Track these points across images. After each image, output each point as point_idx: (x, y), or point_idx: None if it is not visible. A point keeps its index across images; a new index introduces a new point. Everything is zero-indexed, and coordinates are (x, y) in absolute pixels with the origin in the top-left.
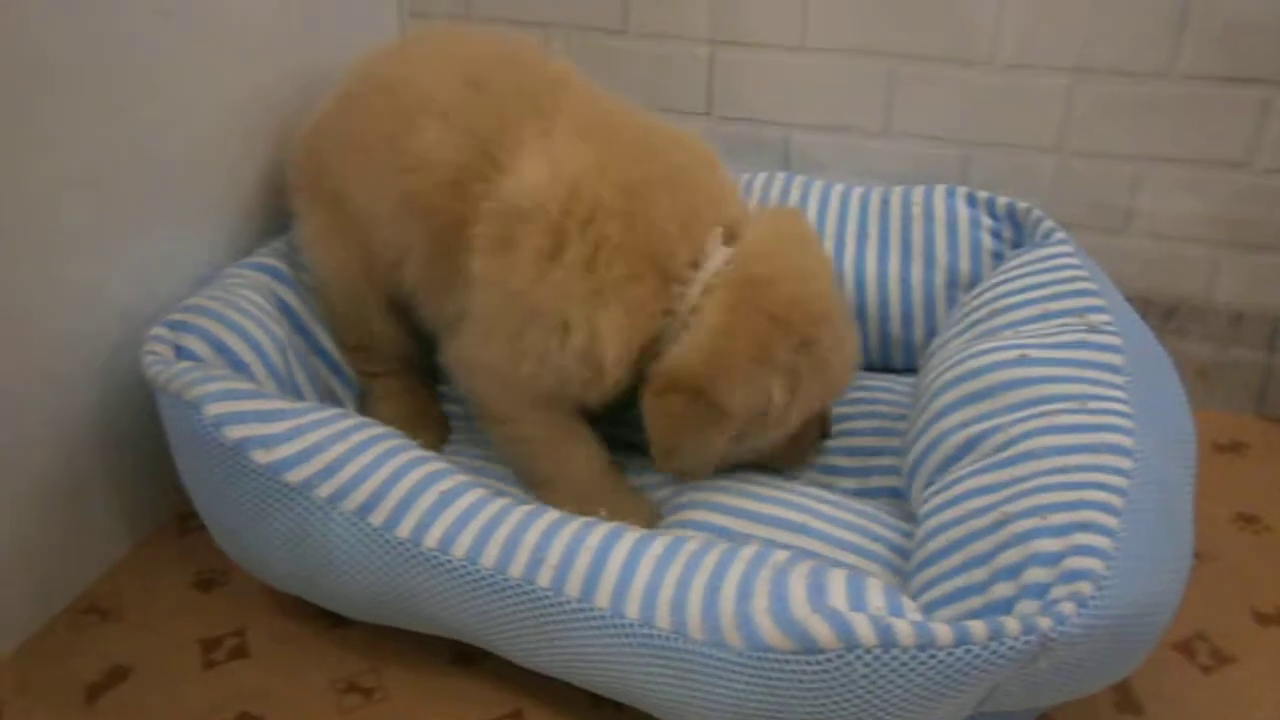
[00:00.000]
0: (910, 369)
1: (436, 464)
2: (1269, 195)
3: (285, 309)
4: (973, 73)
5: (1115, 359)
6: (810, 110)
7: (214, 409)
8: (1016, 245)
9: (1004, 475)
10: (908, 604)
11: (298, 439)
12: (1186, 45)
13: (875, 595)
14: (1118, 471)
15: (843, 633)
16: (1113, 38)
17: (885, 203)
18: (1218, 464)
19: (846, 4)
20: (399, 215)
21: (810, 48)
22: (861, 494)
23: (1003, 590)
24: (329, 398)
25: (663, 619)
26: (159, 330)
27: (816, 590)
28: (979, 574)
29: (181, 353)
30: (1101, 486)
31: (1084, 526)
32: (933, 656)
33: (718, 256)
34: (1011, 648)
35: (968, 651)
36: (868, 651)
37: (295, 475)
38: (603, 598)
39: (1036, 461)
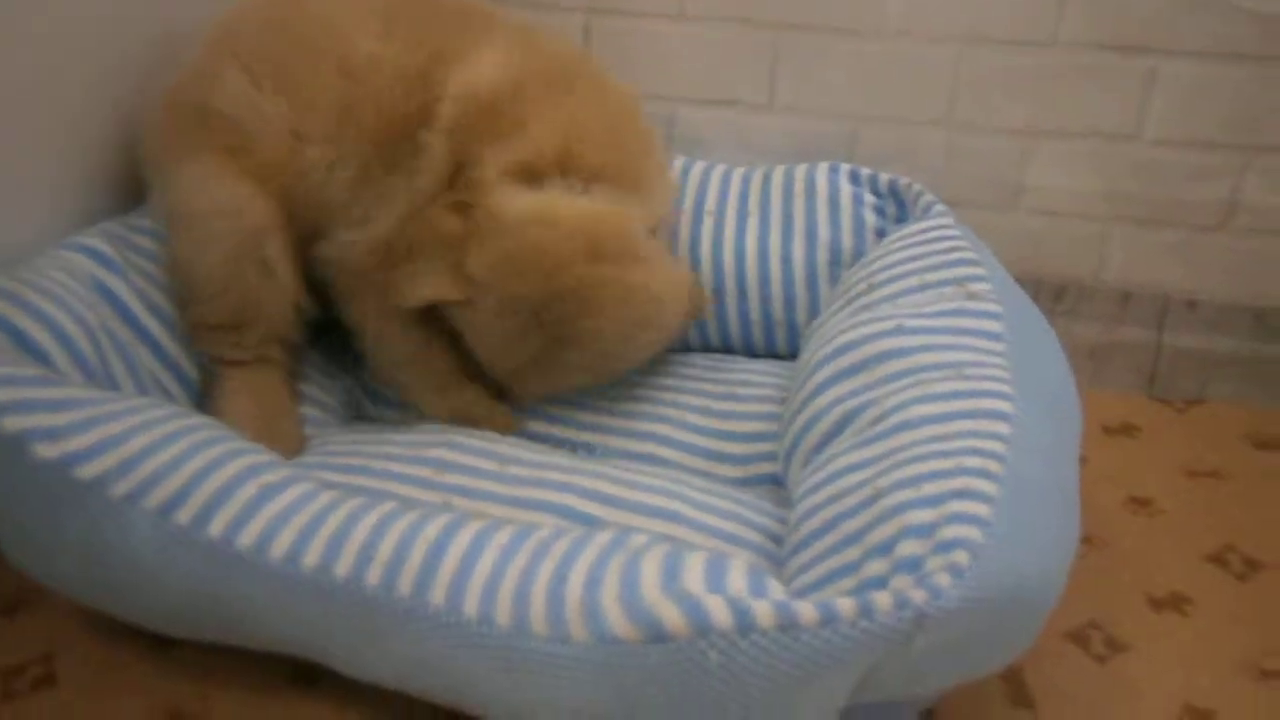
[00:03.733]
0: (794, 354)
1: (259, 456)
2: (1156, 168)
3: (106, 294)
4: (859, 43)
5: (994, 325)
6: (693, 84)
7: None
8: (900, 221)
9: (878, 449)
10: (773, 585)
11: (91, 430)
12: (1071, 12)
13: (737, 577)
14: (996, 437)
15: (694, 617)
16: (1000, 5)
17: (767, 179)
18: (1108, 446)
19: None
20: (336, 128)
21: (691, 15)
22: (743, 483)
23: (875, 568)
24: (157, 393)
25: (503, 614)
26: None
27: (670, 573)
28: (852, 553)
29: None
30: (978, 453)
31: (960, 494)
32: (795, 639)
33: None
34: (883, 625)
35: (835, 632)
36: (722, 637)
37: (86, 470)
38: (438, 594)
39: (912, 432)
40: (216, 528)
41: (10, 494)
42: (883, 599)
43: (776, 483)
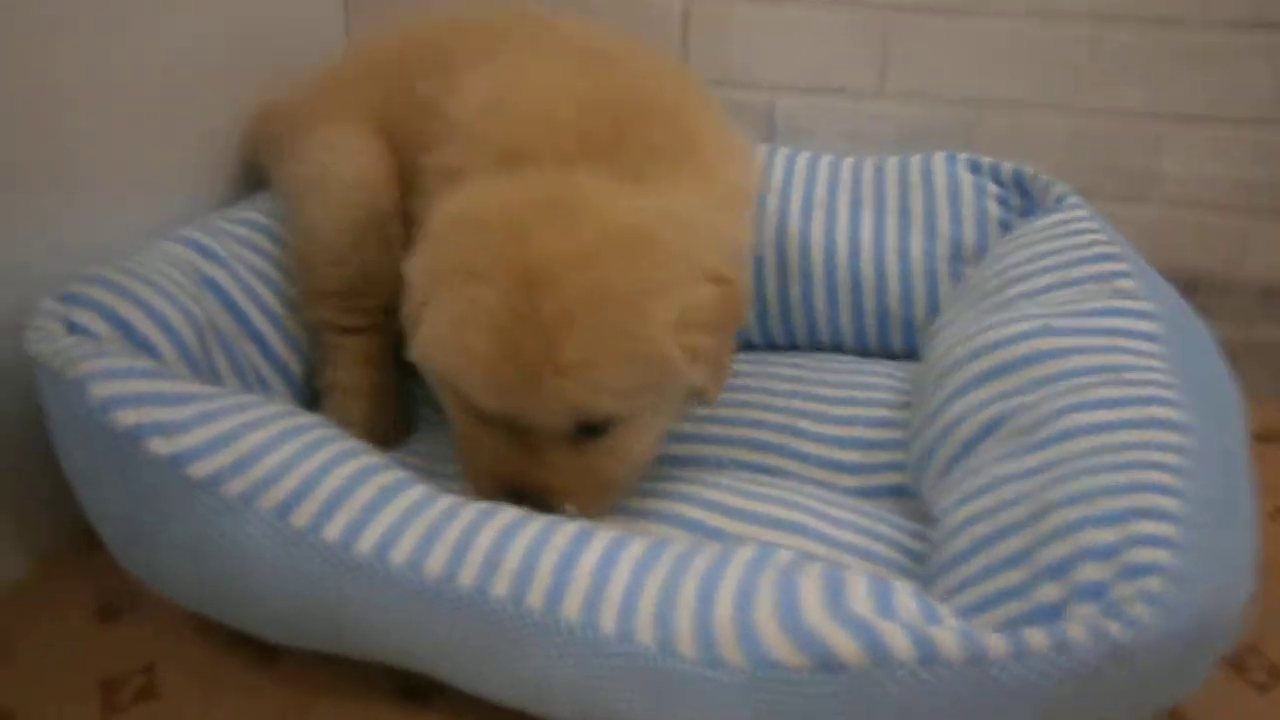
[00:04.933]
0: (911, 354)
1: (374, 457)
2: None
3: (211, 285)
4: (975, 22)
5: (1149, 325)
6: (796, 70)
7: (101, 389)
8: (1026, 214)
9: (1036, 459)
10: (944, 611)
11: (204, 426)
12: None
13: (905, 600)
14: (1170, 448)
15: (871, 645)
16: None
17: (880, 170)
18: (1257, 455)
19: None
20: None
21: None
22: (864, 493)
23: (1049, 593)
24: (259, 389)
25: (645, 632)
26: (49, 304)
27: (834, 594)
28: (1015, 575)
29: (74, 329)
30: (1156, 466)
31: (1142, 513)
32: (983, 673)
33: None
34: (1079, 660)
35: (1025, 666)
36: (902, 667)
37: (201, 469)
38: (571, 608)
39: (1073, 442)
40: (334, 531)
41: (121, 491)
42: (1077, 631)
43: (902, 494)
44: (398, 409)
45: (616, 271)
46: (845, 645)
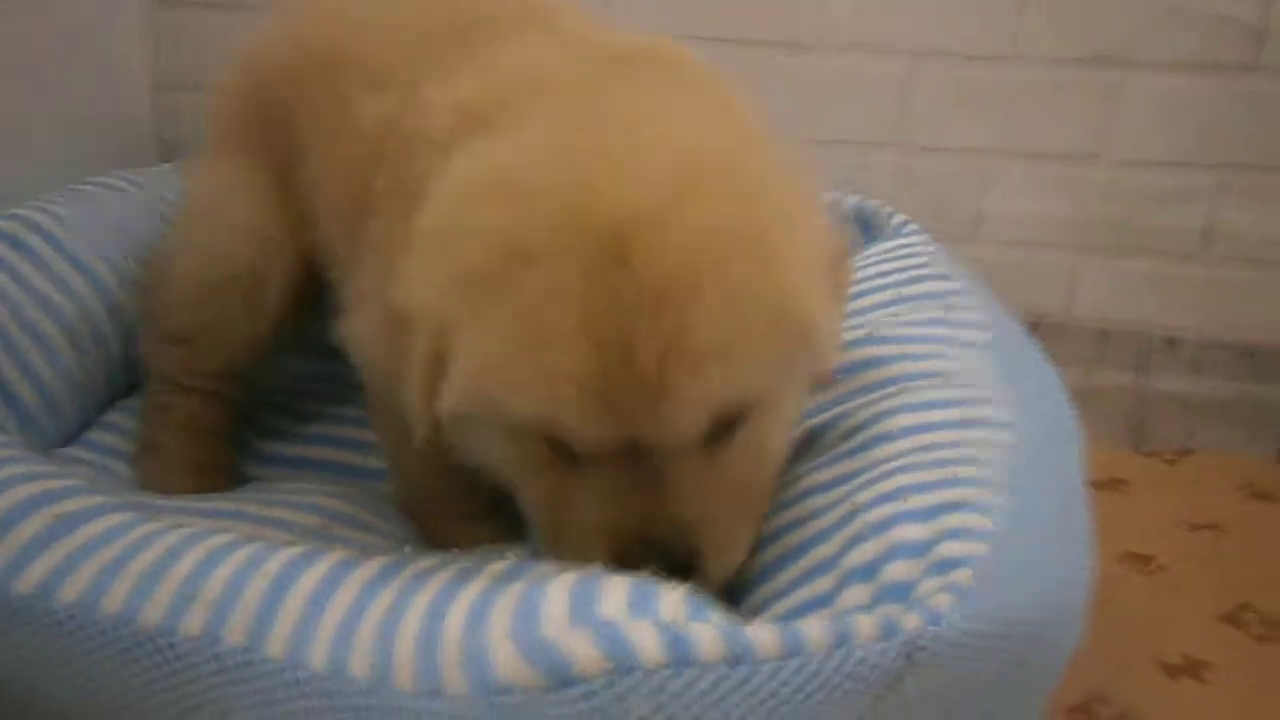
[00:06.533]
0: None
1: (60, 481)
2: (1126, 191)
3: None
4: (803, 59)
5: (977, 335)
6: None
7: None
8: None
9: (853, 465)
10: (715, 610)
11: None
12: (1030, 23)
13: (670, 599)
14: (993, 445)
15: (614, 650)
16: (954, 15)
17: None
18: (1097, 501)
19: None
20: None
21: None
22: None
23: (855, 596)
24: None
25: (358, 664)
26: None
27: (584, 599)
28: (824, 583)
29: None
30: (975, 461)
31: (957, 506)
32: (749, 677)
33: None
34: (864, 660)
35: (801, 668)
36: (652, 674)
37: None
38: (276, 644)
39: (894, 443)
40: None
41: None
42: (864, 624)
43: None
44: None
45: (725, 208)
46: (583, 653)
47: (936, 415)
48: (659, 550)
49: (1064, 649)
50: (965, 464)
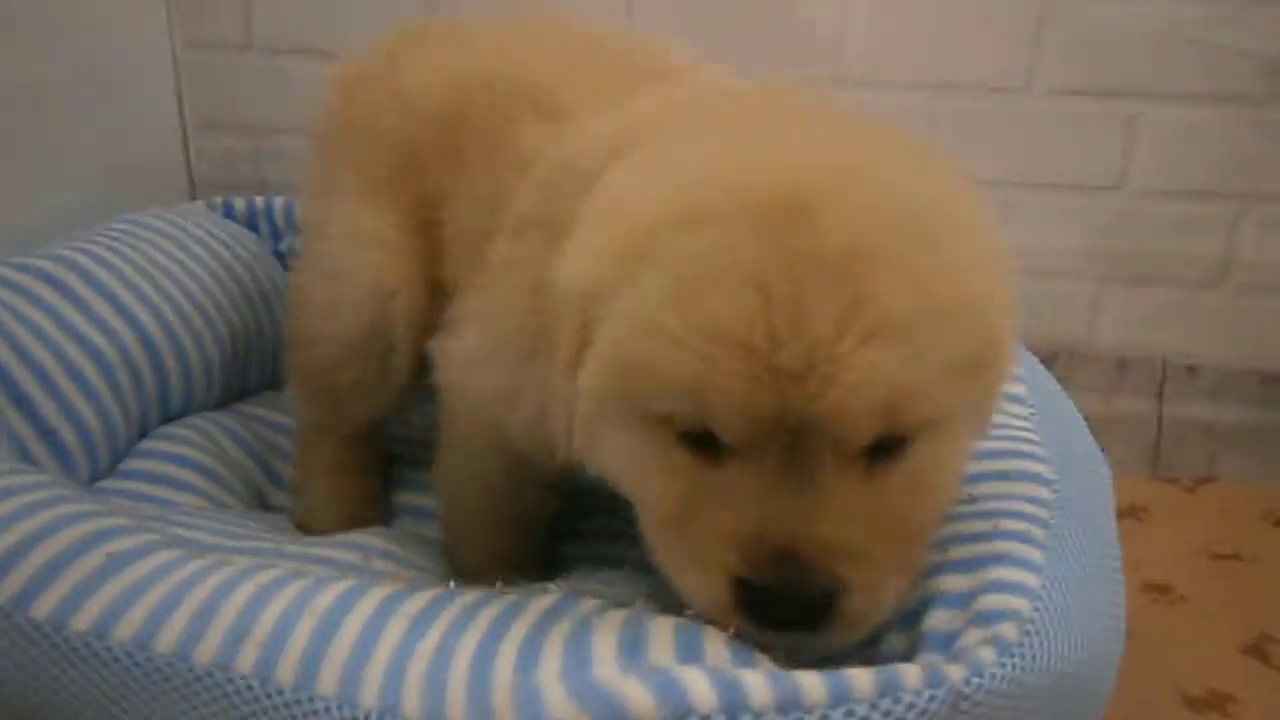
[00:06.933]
0: None
1: (111, 519)
2: (1144, 221)
3: None
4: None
5: (1016, 387)
6: None
7: None
8: None
9: None
10: (761, 657)
11: None
12: (1046, 55)
13: (715, 645)
14: (1035, 501)
15: (666, 696)
16: (969, 49)
17: None
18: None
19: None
20: None
21: None
22: None
23: (895, 643)
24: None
25: (410, 703)
26: None
27: (632, 644)
28: None
29: None
30: (1019, 516)
31: (1000, 559)
32: None
33: None
34: (910, 706)
35: (849, 713)
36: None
37: None
38: (327, 682)
39: None
40: (43, 609)
41: None
42: (910, 673)
43: None
44: (373, 519)
45: (904, 192)
46: (636, 698)
47: (979, 466)
48: (798, 574)
49: (1103, 694)
50: (1008, 517)
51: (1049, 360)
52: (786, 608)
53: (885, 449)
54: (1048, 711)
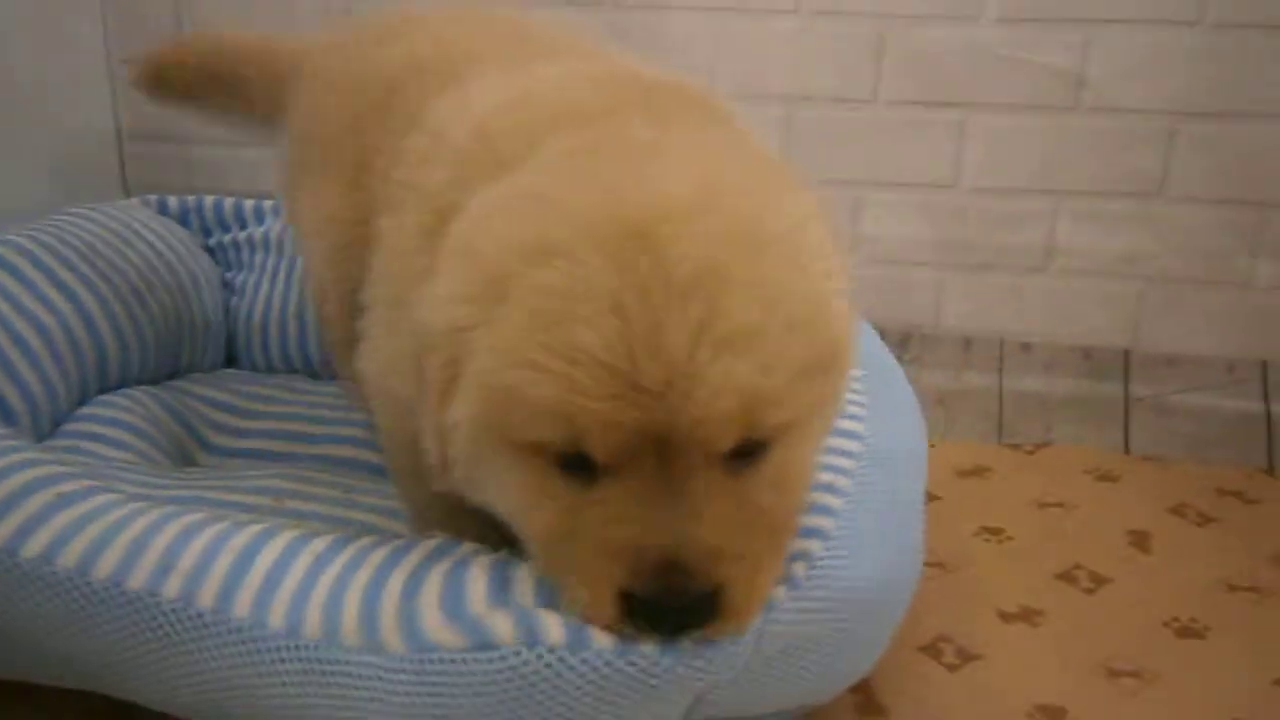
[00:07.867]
0: None
1: (60, 468)
2: (977, 215)
3: None
4: None
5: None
6: None
7: None
8: None
9: None
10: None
11: None
12: (887, 71)
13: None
14: (845, 454)
15: (525, 628)
16: (823, 67)
17: None
18: (961, 487)
19: None
20: None
21: None
22: None
23: None
24: None
25: (311, 626)
26: None
27: (500, 583)
28: None
29: None
30: (828, 468)
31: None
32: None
33: None
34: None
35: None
36: (551, 651)
37: None
38: (242, 606)
39: None
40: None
41: None
42: None
43: None
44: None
45: (751, 211)
46: (502, 627)
47: None
48: (682, 580)
49: (888, 625)
50: (820, 471)
51: (903, 341)
52: (674, 615)
53: (748, 452)
54: (833, 634)
